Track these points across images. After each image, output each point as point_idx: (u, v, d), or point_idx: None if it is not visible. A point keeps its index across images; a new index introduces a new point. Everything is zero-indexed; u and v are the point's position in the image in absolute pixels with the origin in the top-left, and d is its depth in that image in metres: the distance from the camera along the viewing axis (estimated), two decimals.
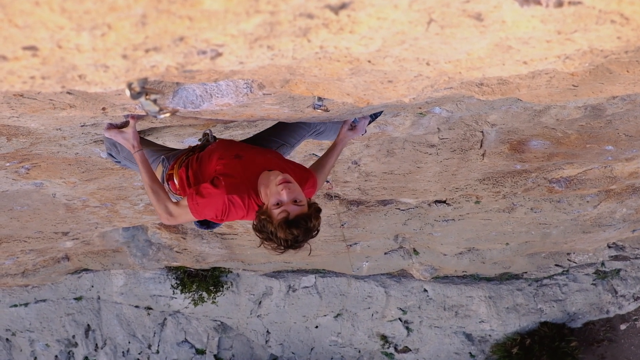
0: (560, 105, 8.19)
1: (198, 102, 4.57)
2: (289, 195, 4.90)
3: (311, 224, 4.88)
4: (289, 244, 4.80)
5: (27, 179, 8.34)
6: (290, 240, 4.77)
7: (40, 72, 2.49)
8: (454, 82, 3.94)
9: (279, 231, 4.74)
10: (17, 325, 16.17)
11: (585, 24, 2.71)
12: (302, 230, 4.81)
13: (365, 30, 2.67)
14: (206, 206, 5.15)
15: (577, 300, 15.58)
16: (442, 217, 12.13)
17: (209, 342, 16.81)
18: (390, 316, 16.14)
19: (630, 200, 11.65)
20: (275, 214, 4.81)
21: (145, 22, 2.18)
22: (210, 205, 5.14)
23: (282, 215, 4.80)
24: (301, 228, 4.80)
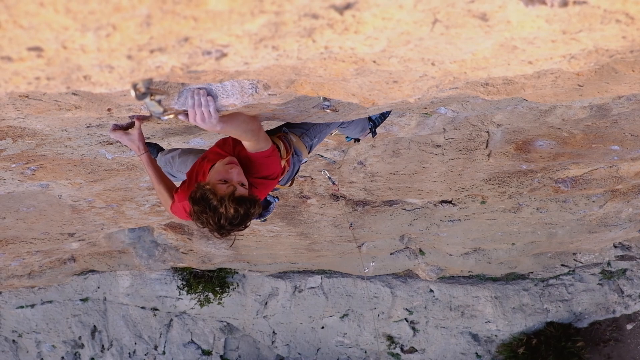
0: (566, 105, 8.18)
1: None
2: (237, 176, 4.85)
3: (252, 210, 4.73)
4: (226, 221, 4.63)
5: (33, 180, 8.34)
6: (230, 217, 4.61)
7: (45, 73, 2.49)
8: (459, 82, 3.93)
9: (221, 205, 4.60)
10: (24, 326, 16.19)
11: (590, 23, 2.71)
12: (244, 211, 4.66)
13: (370, 31, 2.67)
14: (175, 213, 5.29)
15: (583, 300, 15.56)
16: (448, 217, 12.12)
17: (215, 343, 16.83)
18: (397, 316, 16.14)
19: (636, 200, 11.63)
20: (222, 188, 4.71)
21: (150, 23, 2.18)
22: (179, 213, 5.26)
23: (229, 189, 4.70)
24: (243, 207, 4.65)
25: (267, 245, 13.21)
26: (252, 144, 5.00)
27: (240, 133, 4.81)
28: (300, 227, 12.13)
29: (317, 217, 11.70)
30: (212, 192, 4.64)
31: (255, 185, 5.16)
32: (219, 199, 4.61)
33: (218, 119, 4.40)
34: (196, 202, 4.68)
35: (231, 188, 4.69)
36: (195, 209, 4.69)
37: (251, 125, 4.87)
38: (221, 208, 4.58)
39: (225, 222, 4.62)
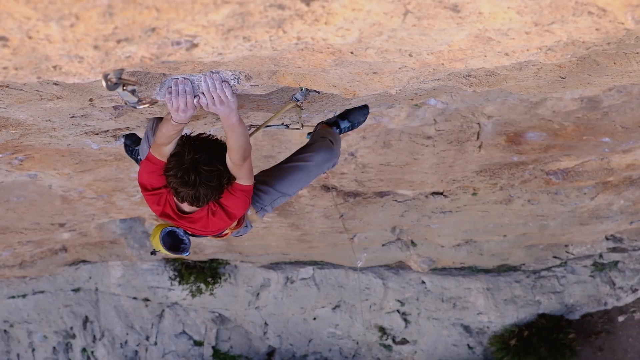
0: (556, 96, 8.18)
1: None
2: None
3: (224, 179, 4.86)
4: (202, 167, 4.69)
5: (21, 170, 8.32)
6: (204, 161, 4.71)
7: (13, 62, 2.48)
8: (440, 74, 3.93)
9: (195, 154, 4.70)
10: (15, 316, 16.20)
11: (562, 15, 2.70)
12: (213, 155, 4.79)
13: (341, 22, 2.66)
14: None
15: (575, 292, 15.57)
16: (439, 208, 12.11)
17: (207, 333, 16.83)
18: (388, 308, 16.14)
19: (627, 192, 11.63)
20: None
21: (112, 13, 2.17)
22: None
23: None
24: (213, 149, 4.82)
25: (258, 236, 13.20)
26: (235, 167, 4.93)
27: (240, 143, 4.74)
28: (291, 218, 12.13)
29: (308, 208, 11.69)
30: (183, 147, 4.76)
31: (214, 213, 5.21)
32: (190, 149, 4.72)
33: (237, 104, 4.41)
34: (172, 155, 4.80)
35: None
36: (171, 163, 4.78)
37: (248, 145, 4.85)
38: (196, 154, 4.70)
39: (201, 169, 4.69)
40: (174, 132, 4.65)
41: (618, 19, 2.70)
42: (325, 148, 5.88)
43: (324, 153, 5.86)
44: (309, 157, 5.81)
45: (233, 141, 4.69)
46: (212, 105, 4.30)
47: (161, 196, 5.11)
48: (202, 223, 5.27)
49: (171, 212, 5.20)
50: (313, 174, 5.90)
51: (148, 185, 5.10)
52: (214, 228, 5.37)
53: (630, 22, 2.69)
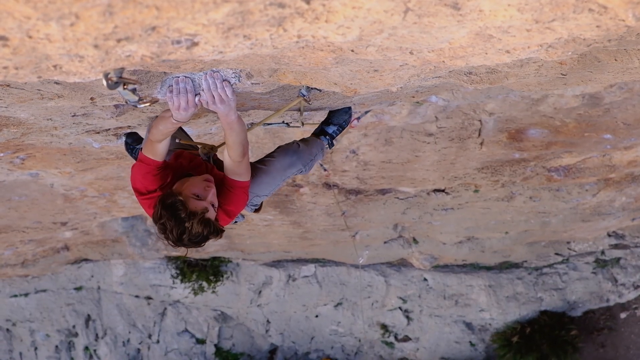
0: (558, 93, 8.17)
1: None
2: (212, 196, 4.77)
3: (213, 236, 4.70)
4: (187, 237, 4.56)
5: (23, 169, 8.32)
6: (192, 235, 4.55)
7: (13, 62, 2.48)
8: (441, 71, 3.93)
9: (188, 220, 4.53)
10: (18, 315, 16.21)
11: (562, 12, 2.69)
12: (206, 233, 4.61)
13: (341, 20, 2.66)
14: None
15: (577, 288, 15.57)
16: (441, 206, 12.11)
17: (209, 331, 16.84)
18: (391, 305, 16.14)
19: (629, 188, 11.62)
20: (194, 203, 4.63)
21: (112, 12, 2.17)
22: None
23: (201, 206, 4.63)
24: (207, 230, 4.61)
25: (260, 234, 13.21)
26: (235, 164, 4.92)
27: (239, 139, 4.71)
28: (293, 215, 12.13)
29: (310, 206, 11.69)
30: (183, 205, 4.57)
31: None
32: (187, 213, 4.55)
33: (236, 103, 4.39)
34: (165, 207, 4.61)
35: (203, 206, 4.63)
36: (162, 214, 4.60)
37: (246, 141, 4.82)
38: (187, 223, 4.53)
39: (185, 238, 4.56)
40: (172, 130, 4.64)
41: (619, 15, 2.70)
42: (290, 152, 5.79)
43: (287, 157, 5.76)
44: (270, 162, 5.74)
45: (232, 138, 4.67)
46: (212, 104, 4.29)
47: (157, 199, 4.98)
48: None
49: None
50: (278, 177, 5.80)
51: (143, 188, 5.02)
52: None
53: (631, 19, 2.68)
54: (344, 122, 6.29)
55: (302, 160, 5.84)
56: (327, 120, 6.28)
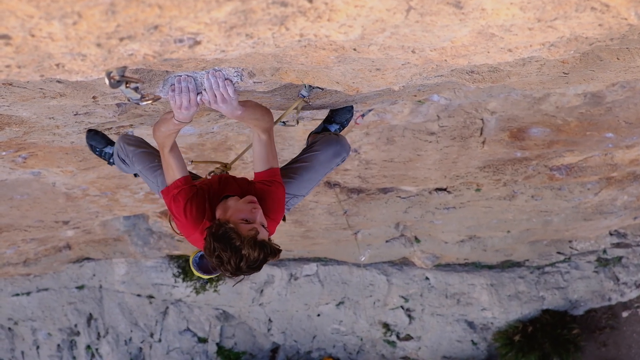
0: (559, 92, 8.18)
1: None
2: (260, 217, 4.67)
3: (270, 257, 4.52)
4: (246, 264, 4.42)
5: (25, 168, 8.33)
6: (251, 261, 4.41)
7: (15, 60, 2.49)
8: (443, 70, 3.93)
9: (245, 247, 4.39)
10: (20, 314, 16.20)
11: (565, 11, 2.70)
12: (264, 256, 4.46)
13: (344, 18, 2.66)
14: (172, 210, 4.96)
15: (579, 287, 15.55)
16: (443, 204, 12.10)
17: (211, 330, 16.83)
18: (392, 304, 16.13)
19: (631, 187, 11.62)
20: (245, 228, 4.50)
21: (115, 11, 2.17)
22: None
23: (253, 231, 4.49)
24: (264, 253, 4.45)
25: None
26: (265, 136, 4.85)
27: (258, 116, 4.70)
28: (294, 214, 12.13)
29: (311, 205, 11.70)
30: (235, 232, 4.45)
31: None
32: (242, 240, 4.42)
33: (238, 102, 4.36)
34: (217, 239, 4.47)
35: (254, 231, 4.51)
36: (215, 246, 4.47)
37: (265, 110, 4.80)
38: (244, 250, 4.40)
39: (244, 265, 4.43)
40: (174, 131, 4.61)
41: (621, 14, 2.70)
42: (332, 141, 5.74)
43: (332, 147, 5.71)
44: (315, 156, 5.67)
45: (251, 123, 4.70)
46: (215, 103, 4.28)
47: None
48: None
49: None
50: (322, 171, 5.75)
51: (192, 222, 4.88)
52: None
53: (633, 17, 2.69)
54: (345, 120, 6.26)
55: (346, 147, 5.81)
56: (329, 118, 6.26)
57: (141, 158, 5.59)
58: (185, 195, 4.77)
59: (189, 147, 8.32)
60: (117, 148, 5.85)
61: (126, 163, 5.85)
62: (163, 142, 4.69)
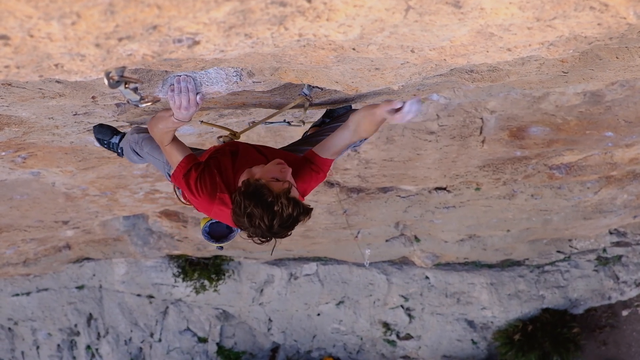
0: (559, 91, 8.17)
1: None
2: (291, 178, 4.45)
3: (302, 217, 4.30)
4: (279, 222, 4.18)
5: (24, 168, 8.33)
6: (284, 217, 4.18)
7: (14, 61, 2.48)
8: (442, 69, 3.92)
9: (277, 203, 4.16)
10: (19, 314, 16.20)
11: (564, 10, 2.70)
12: (297, 214, 4.23)
13: (343, 18, 2.66)
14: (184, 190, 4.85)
15: (578, 286, 15.56)
16: (442, 204, 12.11)
17: (211, 330, 16.83)
18: (392, 303, 16.13)
19: (631, 186, 11.62)
20: (277, 185, 4.28)
21: (114, 11, 2.17)
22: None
23: (285, 185, 4.28)
24: (297, 210, 4.22)
25: None
26: (352, 134, 4.76)
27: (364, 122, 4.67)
28: None
29: (311, 204, 11.65)
30: (267, 188, 4.24)
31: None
32: (274, 195, 4.21)
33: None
34: (248, 196, 4.25)
35: (286, 185, 4.30)
36: (246, 204, 4.24)
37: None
38: (276, 206, 4.18)
39: (277, 223, 4.19)
40: (172, 129, 4.57)
41: (620, 13, 2.70)
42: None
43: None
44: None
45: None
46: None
47: (230, 204, 4.64)
48: None
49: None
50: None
51: (205, 196, 4.74)
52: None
53: (632, 16, 2.69)
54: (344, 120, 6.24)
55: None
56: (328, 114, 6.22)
57: (150, 141, 5.44)
58: (194, 175, 4.67)
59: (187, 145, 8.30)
60: (129, 139, 5.77)
61: (138, 154, 5.70)
62: (161, 138, 4.66)
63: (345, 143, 4.87)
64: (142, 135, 5.60)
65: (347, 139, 4.82)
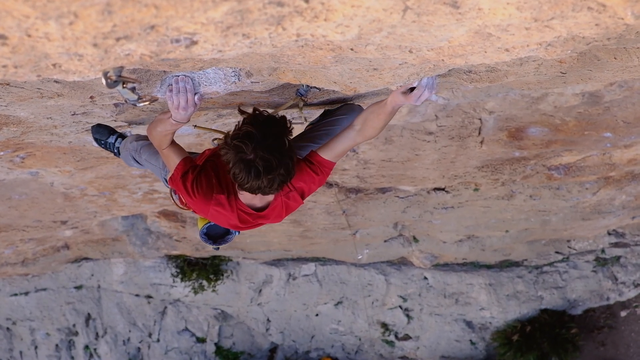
0: (557, 92, 8.18)
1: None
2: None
3: (284, 130, 4.18)
4: (265, 146, 4.02)
5: (23, 168, 8.34)
6: (269, 141, 4.04)
7: (12, 60, 2.48)
8: (440, 70, 3.92)
9: (255, 127, 4.06)
10: (18, 314, 16.20)
11: (561, 10, 2.70)
12: (278, 129, 4.14)
13: (341, 18, 2.66)
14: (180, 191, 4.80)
15: (577, 287, 15.56)
16: (441, 204, 12.11)
17: (209, 330, 16.82)
18: (391, 304, 16.13)
19: (629, 187, 11.62)
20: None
21: (111, 11, 2.17)
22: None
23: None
24: (277, 125, 4.17)
25: (260, 233, 13.20)
26: (357, 133, 4.76)
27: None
28: (293, 214, 12.04)
29: (310, 205, 11.70)
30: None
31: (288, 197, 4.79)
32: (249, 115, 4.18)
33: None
34: (231, 139, 4.10)
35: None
36: (229, 140, 4.10)
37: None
38: (256, 129, 4.06)
39: (266, 150, 4.02)
40: (170, 132, 4.57)
41: (618, 14, 2.70)
42: (356, 108, 5.62)
43: (355, 112, 5.50)
44: (340, 120, 5.50)
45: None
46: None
47: (226, 205, 4.67)
48: (276, 213, 4.89)
49: (247, 216, 4.80)
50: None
51: (203, 199, 4.69)
52: (287, 213, 4.98)
53: (630, 17, 2.69)
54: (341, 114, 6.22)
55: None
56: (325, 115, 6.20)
57: (148, 147, 5.49)
58: (190, 176, 4.66)
59: (186, 147, 8.30)
60: (128, 148, 5.77)
61: (137, 161, 5.76)
62: (160, 142, 4.66)
63: (350, 144, 4.86)
64: (141, 143, 5.63)
65: (352, 140, 4.81)
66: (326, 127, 5.53)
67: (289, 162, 4.17)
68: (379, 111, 4.67)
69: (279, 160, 4.08)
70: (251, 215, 4.80)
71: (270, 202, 4.75)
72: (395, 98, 4.51)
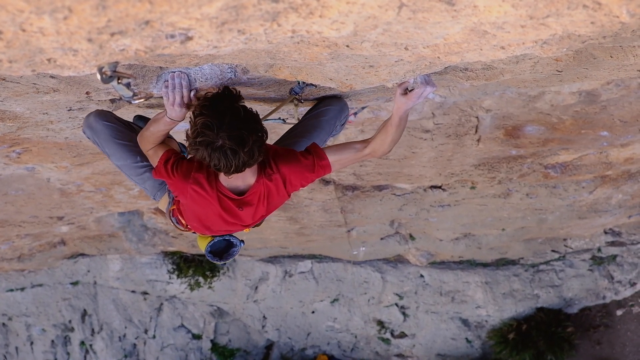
0: (554, 90, 8.17)
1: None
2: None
3: (235, 98, 4.18)
4: (227, 115, 4.04)
5: (19, 163, 8.32)
6: (223, 99, 4.11)
7: (7, 55, 2.48)
8: (436, 67, 3.92)
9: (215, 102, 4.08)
10: (14, 309, 16.18)
11: (557, 8, 2.70)
12: (229, 97, 4.17)
13: (336, 15, 2.66)
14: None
15: (573, 285, 15.56)
16: (437, 202, 12.10)
17: (205, 327, 16.83)
18: (387, 301, 16.13)
19: (626, 186, 11.62)
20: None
21: (106, 6, 2.17)
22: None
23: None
24: (229, 94, 4.18)
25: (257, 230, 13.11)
26: (362, 146, 4.83)
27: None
28: (289, 211, 12.12)
29: (306, 202, 11.69)
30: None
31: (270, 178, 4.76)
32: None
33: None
34: (195, 116, 4.13)
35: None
36: (196, 119, 4.10)
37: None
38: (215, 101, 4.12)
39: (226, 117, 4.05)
40: (165, 131, 4.53)
41: (613, 12, 2.70)
42: (338, 97, 5.62)
43: (339, 103, 5.57)
44: (325, 111, 5.52)
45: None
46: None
47: (205, 184, 4.64)
48: (258, 198, 4.83)
49: (229, 202, 4.76)
50: (330, 126, 5.56)
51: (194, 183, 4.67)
52: (270, 203, 4.99)
53: (625, 15, 2.69)
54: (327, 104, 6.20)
55: (347, 106, 5.70)
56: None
57: (122, 152, 5.15)
58: (172, 160, 4.64)
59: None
60: (89, 124, 5.17)
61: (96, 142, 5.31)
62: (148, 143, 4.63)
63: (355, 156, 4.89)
64: (109, 138, 5.22)
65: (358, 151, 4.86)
66: (313, 120, 5.52)
67: (255, 125, 4.20)
68: (385, 125, 4.76)
69: (247, 131, 4.12)
70: (234, 201, 4.75)
71: (251, 185, 4.71)
72: (398, 103, 4.54)
